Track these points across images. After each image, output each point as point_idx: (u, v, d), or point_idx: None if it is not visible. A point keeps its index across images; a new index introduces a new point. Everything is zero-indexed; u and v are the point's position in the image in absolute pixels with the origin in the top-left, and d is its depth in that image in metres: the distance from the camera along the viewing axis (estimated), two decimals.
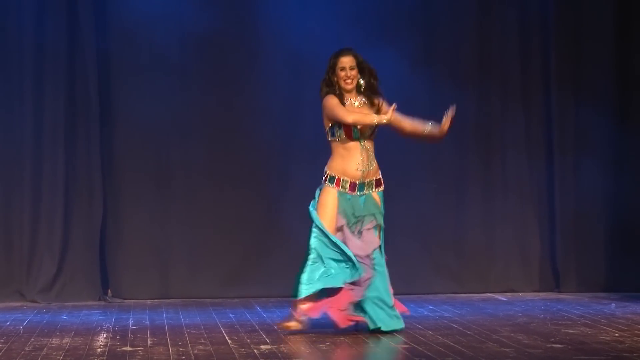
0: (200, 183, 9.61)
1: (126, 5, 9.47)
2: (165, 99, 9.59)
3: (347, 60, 7.40)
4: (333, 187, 7.34)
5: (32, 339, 7.15)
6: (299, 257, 7.51)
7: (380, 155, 9.70)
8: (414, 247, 9.73)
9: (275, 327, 7.43)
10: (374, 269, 7.26)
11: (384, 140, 9.70)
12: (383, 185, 7.43)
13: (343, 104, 7.34)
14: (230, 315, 8.33)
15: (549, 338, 6.97)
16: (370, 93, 7.41)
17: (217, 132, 9.67)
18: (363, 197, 7.34)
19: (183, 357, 6.41)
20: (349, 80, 7.37)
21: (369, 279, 7.20)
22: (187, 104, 9.61)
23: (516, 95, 9.94)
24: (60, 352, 6.58)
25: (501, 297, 9.52)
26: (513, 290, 9.77)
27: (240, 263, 9.49)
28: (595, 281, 9.79)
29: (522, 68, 9.94)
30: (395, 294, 9.64)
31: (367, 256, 7.26)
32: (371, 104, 7.42)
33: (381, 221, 7.37)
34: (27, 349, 6.76)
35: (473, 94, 9.87)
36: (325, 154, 7.55)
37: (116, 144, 9.57)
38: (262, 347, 6.77)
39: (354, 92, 7.42)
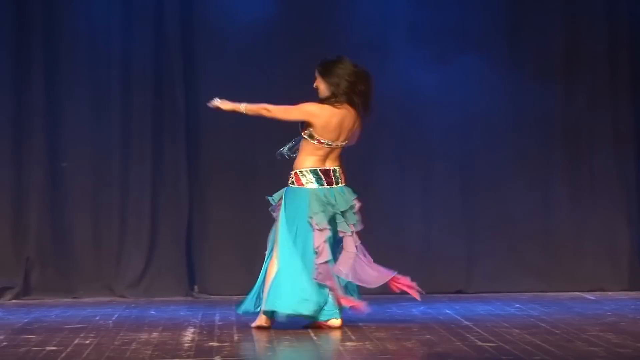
0: (284, 178, 9.62)
1: (212, 10, 9.56)
2: (249, 98, 9.63)
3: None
4: None
5: (121, 334, 7.24)
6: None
7: (467, 154, 9.70)
8: (500, 245, 9.66)
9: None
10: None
11: (469, 140, 9.70)
12: (289, 182, 7.73)
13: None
14: None
15: (639, 338, 6.84)
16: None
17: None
18: None
19: (269, 353, 6.43)
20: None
21: None
22: (270, 102, 9.64)
23: (604, 92, 9.80)
24: (149, 347, 6.65)
25: (590, 296, 9.39)
26: (602, 289, 9.63)
27: None
28: None
29: (610, 65, 9.79)
30: (481, 291, 9.62)
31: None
32: None
33: (279, 216, 7.66)
34: (116, 343, 6.84)
35: (560, 91, 9.77)
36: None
37: (201, 142, 9.66)
38: (348, 344, 6.76)
39: None
